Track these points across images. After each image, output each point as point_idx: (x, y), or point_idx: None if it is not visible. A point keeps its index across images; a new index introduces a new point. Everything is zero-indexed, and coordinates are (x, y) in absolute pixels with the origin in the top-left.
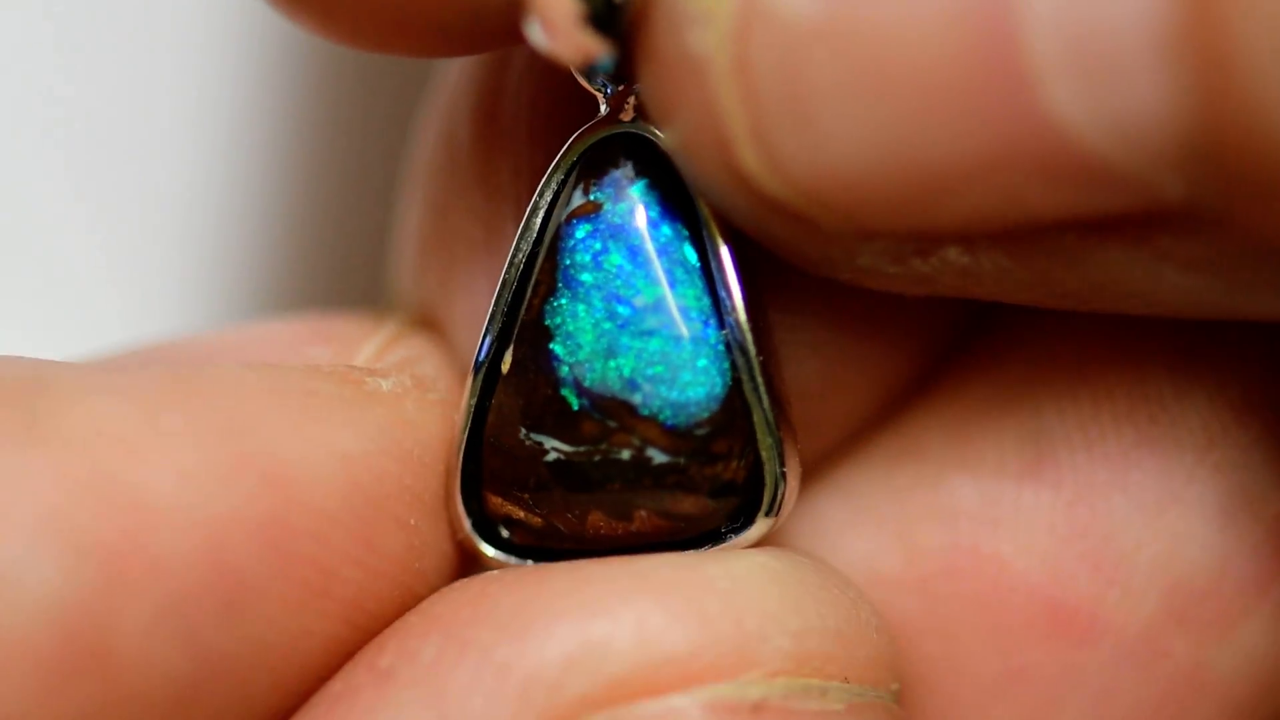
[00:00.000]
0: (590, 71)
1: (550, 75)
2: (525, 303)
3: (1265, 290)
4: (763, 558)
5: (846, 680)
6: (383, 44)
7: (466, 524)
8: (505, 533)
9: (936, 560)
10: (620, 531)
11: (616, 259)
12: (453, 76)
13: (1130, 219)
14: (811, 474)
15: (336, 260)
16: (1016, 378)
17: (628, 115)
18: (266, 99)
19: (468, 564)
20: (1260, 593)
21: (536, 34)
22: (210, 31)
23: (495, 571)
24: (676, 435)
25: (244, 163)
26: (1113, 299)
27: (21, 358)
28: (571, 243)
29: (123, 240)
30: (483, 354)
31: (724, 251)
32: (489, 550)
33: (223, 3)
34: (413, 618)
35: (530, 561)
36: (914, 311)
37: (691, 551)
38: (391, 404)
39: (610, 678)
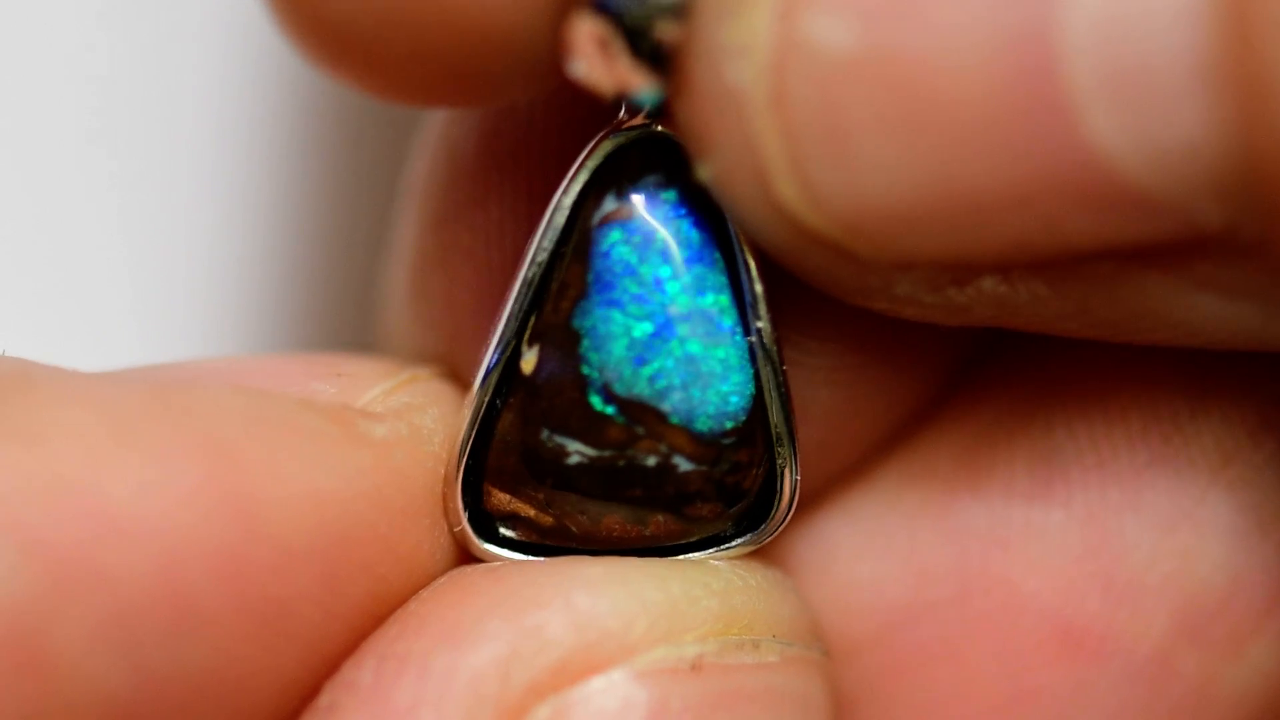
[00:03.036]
0: (631, 105)
1: (555, 92)
2: (550, 304)
3: None
4: None
5: (775, 636)
6: (423, 97)
7: (463, 517)
8: (505, 530)
9: (946, 584)
10: (634, 534)
11: (650, 266)
12: None
13: (1169, 247)
14: (818, 496)
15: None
16: (1027, 397)
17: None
18: (304, 128)
19: None
20: (1270, 611)
21: (581, 70)
22: (240, 51)
23: (422, 591)
24: (703, 444)
25: (287, 196)
26: (1150, 329)
27: (15, 358)
28: (605, 247)
29: (152, 260)
30: (497, 353)
31: (752, 262)
32: (482, 544)
33: (249, 35)
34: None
35: (527, 557)
36: (928, 336)
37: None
38: (381, 450)
39: (552, 662)
